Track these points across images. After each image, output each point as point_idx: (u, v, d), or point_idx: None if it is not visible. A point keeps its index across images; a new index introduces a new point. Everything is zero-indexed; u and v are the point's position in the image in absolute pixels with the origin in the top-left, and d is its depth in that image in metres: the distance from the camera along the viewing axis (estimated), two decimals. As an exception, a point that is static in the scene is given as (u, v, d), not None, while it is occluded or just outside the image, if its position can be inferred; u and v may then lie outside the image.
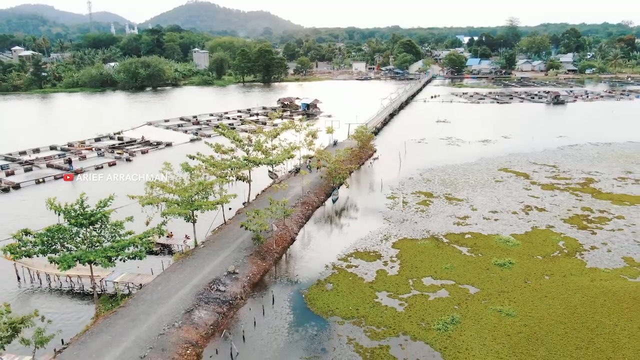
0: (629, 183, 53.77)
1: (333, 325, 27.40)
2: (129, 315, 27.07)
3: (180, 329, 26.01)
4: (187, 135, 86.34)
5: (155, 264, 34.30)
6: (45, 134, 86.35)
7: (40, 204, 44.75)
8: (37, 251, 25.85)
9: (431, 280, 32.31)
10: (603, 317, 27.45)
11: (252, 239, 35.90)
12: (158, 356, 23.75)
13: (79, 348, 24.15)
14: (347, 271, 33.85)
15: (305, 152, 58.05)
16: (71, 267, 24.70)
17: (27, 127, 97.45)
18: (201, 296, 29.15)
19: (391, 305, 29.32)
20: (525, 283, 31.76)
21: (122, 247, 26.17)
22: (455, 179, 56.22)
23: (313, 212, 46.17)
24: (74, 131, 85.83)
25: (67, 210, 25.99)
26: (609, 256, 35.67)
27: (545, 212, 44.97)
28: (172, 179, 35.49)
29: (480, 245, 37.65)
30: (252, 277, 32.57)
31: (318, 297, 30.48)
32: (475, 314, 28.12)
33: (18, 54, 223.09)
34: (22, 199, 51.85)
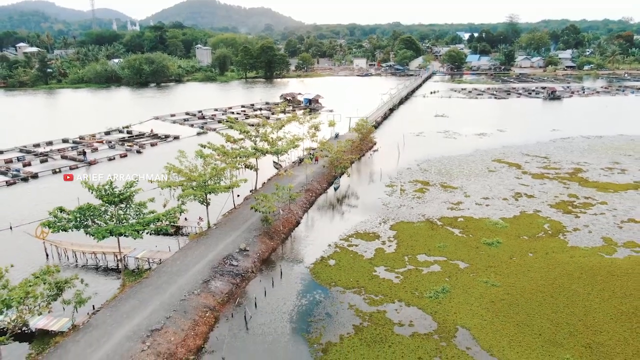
0: (615, 173, 56.76)
1: (336, 294, 30.51)
2: (153, 284, 30.19)
3: (199, 295, 29.13)
4: (194, 129, 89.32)
5: (172, 244, 37.43)
6: (55, 128, 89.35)
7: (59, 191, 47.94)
8: (71, 226, 28.97)
9: (425, 257, 35.40)
10: (579, 287, 30.52)
11: (261, 221, 38.99)
12: (181, 317, 26.88)
13: (111, 311, 27.27)
14: (348, 249, 36.94)
15: (309, 143, 60.98)
16: (105, 238, 27.83)
17: (37, 122, 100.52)
18: (216, 269, 32.26)
19: (388, 278, 32.41)
20: (511, 259, 34.82)
21: (148, 223, 29.27)
22: (451, 169, 59.22)
23: (316, 199, 49.24)
24: (83, 125, 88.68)
25: (99, 189, 29.07)
26: (590, 236, 38.73)
27: (533, 198, 48.02)
28: (187, 165, 38.50)
29: (471, 227, 40.71)
30: (261, 254, 35.69)
31: (322, 271, 33.58)
32: (464, 285, 31.21)
33: (23, 51, 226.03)
34: (42, 187, 54.92)
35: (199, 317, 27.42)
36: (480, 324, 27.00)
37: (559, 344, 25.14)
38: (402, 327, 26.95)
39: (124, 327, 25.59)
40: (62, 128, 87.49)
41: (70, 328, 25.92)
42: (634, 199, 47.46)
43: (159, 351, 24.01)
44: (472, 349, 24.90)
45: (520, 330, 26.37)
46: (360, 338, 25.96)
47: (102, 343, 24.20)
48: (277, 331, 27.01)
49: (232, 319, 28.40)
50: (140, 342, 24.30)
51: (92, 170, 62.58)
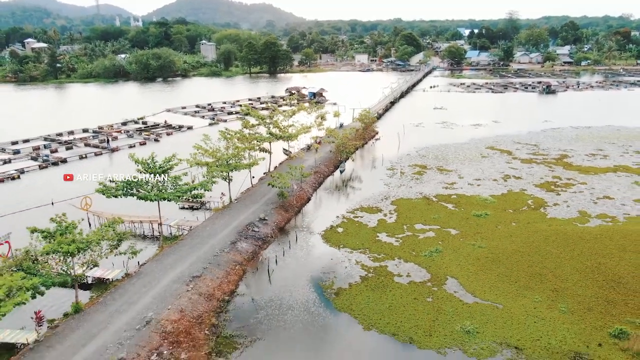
0: (598, 158, 61.79)
1: (344, 253, 35.65)
2: (188, 245, 35.33)
3: (228, 253, 34.27)
4: (205, 120, 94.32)
5: (199, 216, 42.57)
6: (72, 119, 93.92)
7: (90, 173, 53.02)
8: (120, 193, 34.11)
9: (421, 226, 40.51)
10: (552, 248, 35.57)
11: (277, 195, 44.12)
12: (215, 268, 32.03)
13: (156, 263, 32.42)
14: (354, 220, 42.06)
15: (316, 132, 65.93)
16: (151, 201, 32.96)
17: (53, 114, 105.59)
18: (241, 233, 37.39)
19: (389, 242, 37.53)
20: (496, 228, 39.91)
21: (185, 191, 34.43)
22: (447, 155, 64.26)
23: (324, 180, 54.34)
24: (97, 117, 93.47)
25: (144, 162, 34.19)
26: (567, 210, 43.83)
27: (521, 179, 53.09)
28: (211, 147, 43.55)
29: (463, 203, 45.81)
30: (278, 223, 40.84)
31: (332, 236, 38.71)
32: (454, 247, 36.32)
33: (31, 46, 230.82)
34: (71, 170, 59.93)
35: (230, 269, 32.58)
36: (467, 274, 32.11)
37: (531, 288, 30.25)
38: (401, 277, 32.09)
39: (169, 274, 30.75)
40: (78, 119, 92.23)
41: (124, 276, 31.07)
42: (611, 180, 52.52)
43: (201, 292, 29.17)
44: (458, 292, 30.02)
45: (500, 279, 31.49)
46: (366, 285, 31.09)
47: (154, 285, 29.37)
48: (296, 281, 32.16)
49: (257, 272, 33.57)
50: (184, 285, 29.46)
51: (115, 156, 67.78)
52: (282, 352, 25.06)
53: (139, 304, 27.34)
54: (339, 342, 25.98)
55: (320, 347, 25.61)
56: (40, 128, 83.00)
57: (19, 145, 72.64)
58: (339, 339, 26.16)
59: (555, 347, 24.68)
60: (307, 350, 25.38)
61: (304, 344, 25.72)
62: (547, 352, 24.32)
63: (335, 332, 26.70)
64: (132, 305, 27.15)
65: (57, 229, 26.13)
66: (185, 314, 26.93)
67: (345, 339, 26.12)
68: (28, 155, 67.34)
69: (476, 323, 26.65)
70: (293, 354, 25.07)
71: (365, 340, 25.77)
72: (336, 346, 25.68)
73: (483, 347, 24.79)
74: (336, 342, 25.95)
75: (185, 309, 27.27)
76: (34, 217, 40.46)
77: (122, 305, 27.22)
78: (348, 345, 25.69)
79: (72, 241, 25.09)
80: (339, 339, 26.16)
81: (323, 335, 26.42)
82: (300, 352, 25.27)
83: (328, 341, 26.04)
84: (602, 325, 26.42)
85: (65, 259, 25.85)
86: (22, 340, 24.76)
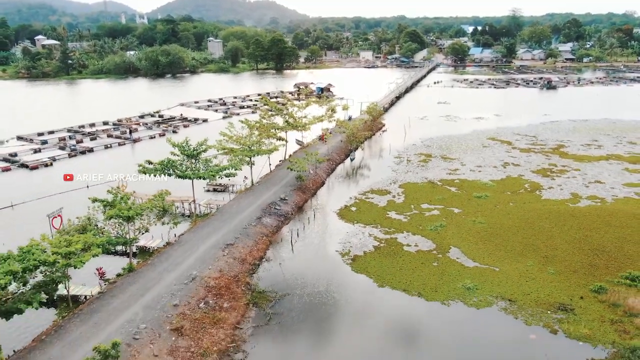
0: (592, 148, 65.71)
1: (358, 228, 39.80)
2: (219, 220, 39.54)
3: (255, 226, 38.48)
4: (218, 114, 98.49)
5: (225, 197, 46.77)
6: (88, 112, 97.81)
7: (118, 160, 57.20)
8: (158, 173, 38.36)
9: (427, 205, 44.61)
10: (545, 223, 39.57)
11: (295, 179, 48.31)
12: (245, 238, 36.25)
13: (192, 234, 36.66)
14: (366, 201, 46.20)
15: (327, 123, 69.94)
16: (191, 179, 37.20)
17: (70, 108, 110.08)
18: (265, 211, 41.58)
19: (398, 219, 41.65)
20: (495, 207, 43.97)
21: (217, 171, 38.69)
22: (450, 145, 68.26)
23: (336, 167, 58.50)
24: (113, 110, 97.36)
25: (180, 145, 38.41)
26: (561, 192, 47.83)
27: (519, 166, 57.09)
28: (235, 134, 47.73)
29: (465, 186, 49.86)
30: (297, 203, 45.05)
31: (346, 214, 42.87)
32: (457, 222, 40.41)
33: (41, 43, 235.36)
34: (100, 159, 64.35)
35: (258, 239, 36.80)
36: (468, 245, 36.21)
37: (524, 255, 34.34)
38: (409, 246, 36.23)
39: (206, 242, 34.98)
40: (95, 113, 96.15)
41: (165, 245, 35.29)
42: (603, 167, 56.45)
43: (235, 256, 33.39)
44: (460, 259, 34.14)
45: (497, 248, 35.59)
46: (378, 253, 35.25)
47: (194, 251, 33.60)
48: (316, 250, 36.37)
49: (281, 242, 37.77)
50: (220, 250, 33.68)
51: (137, 146, 72.08)
52: (308, 303, 29.22)
53: (183, 265, 31.59)
54: (357, 295, 30.16)
55: (341, 298, 29.77)
56: (61, 121, 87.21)
57: (44, 137, 76.97)
58: (357, 293, 30.34)
59: (543, 300, 28.78)
60: (329, 301, 29.52)
61: (327, 297, 29.88)
62: (536, 303, 28.42)
63: (353, 287, 30.89)
64: (178, 266, 31.40)
65: (115, 199, 30.32)
66: (224, 273, 31.16)
67: (363, 293, 30.30)
68: (56, 145, 71.67)
69: (476, 282, 30.76)
70: (318, 304, 29.21)
71: (380, 294, 29.94)
72: (355, 298, 29.85)
73: (481, 300, 28.92)
74: (355, 295, 30.13)
75: (223, 269, 31.51)
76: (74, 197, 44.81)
77: (169, 266, 31.47)
78: (365, 297, 29.87)
79: (129, 208, 29.29)
80: (357, 293, 30.34)
81: (343, 290, 30.61)
82: (324, 303, 29.42)
83: (348, 294, 30.21)
84: (585, 283, 30.49)
85: (122, 224, 30.05)
86: (87, 293, 29.06)
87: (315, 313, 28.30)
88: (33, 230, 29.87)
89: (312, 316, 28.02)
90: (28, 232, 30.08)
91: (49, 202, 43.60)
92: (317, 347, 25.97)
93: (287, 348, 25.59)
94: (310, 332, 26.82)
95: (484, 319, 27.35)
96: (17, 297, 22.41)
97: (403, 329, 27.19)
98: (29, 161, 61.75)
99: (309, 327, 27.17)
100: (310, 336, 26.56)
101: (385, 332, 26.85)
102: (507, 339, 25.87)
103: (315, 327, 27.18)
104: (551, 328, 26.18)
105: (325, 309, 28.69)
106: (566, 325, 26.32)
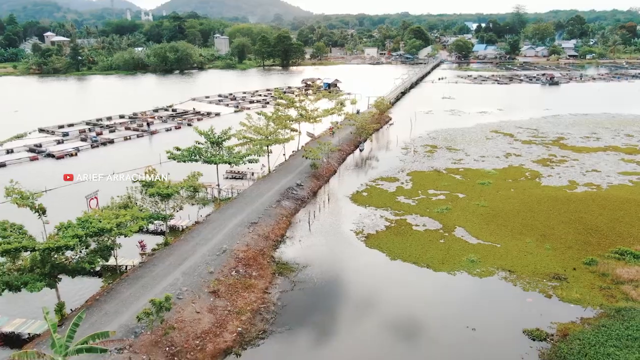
0: (591, 140, 68.63)
1: (370, 210, 43.02)
2: (241, 202, 42.80)
3: (275, 208, 41.73)
4: (229, 108, 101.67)
5: (244, 183, 50.03)
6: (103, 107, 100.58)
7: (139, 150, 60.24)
8: (185, 159, 41.61)
9: (434, 191, 47.77)
10: (543, 207, 42.66)
11: (310, 166, 51.52)
12: (267, 218, 39.51)
13: (218, 214, 39.92)
14: (376, 187, 49.38)
15: (336, 116, 73.09)
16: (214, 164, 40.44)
17: (84, 102, 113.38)
18: (283, 195, 44.83)
19: (406, 202, 44.84)
20: (497, 192, 47.07)
21: (241, 157, 41.96)
22: (455, 137, 71.30)
23: (347, 157, 61.69)
24: (127, 105, 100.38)
25: (206, 133, 41.65)
26: (559, 179, 50.88)
27: (520, 157, 60.12)
28: (252, 124, 50.94)
29: (469, 174, 52.96)
30: (312, 188, 48.29)
31: (358, 198, 46.08)
32: (461, 206, 43.56)
33: (50, 40, 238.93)
34: (122, 150, 67.66)
35: (279, 219, 40.06)
36: (472, 225, 39.36)
37: (523, 234, 37.48)
38: (418, 226, 39.42)
39: (232, 221, 38.26)
40: (110, 107, 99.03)
41: (194, 224, 38.58)
42: (600, 157, 59.43)
43: (259, 233, 36.67)
44: (465, 237, 37.31)
45: (499, 228, 38.73)
46: (389, 232, 38.45)
47: (222, 228, 36.89)
48: (332, 229, 39.59)
49: (299, 223, 41.02)
50: (246, 228, 36.96)
51: (154, 138, 75.35)
52: (327, 273, 32.46)
53: (213, 240, 34.89)
54: (372, 266, 33.40)
55: (357, 268, 33.01)
56: (78, 114, 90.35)
57: (65, 129, 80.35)
58: (371, 264, 33.58)
59: (539, 271, 31.94)
60: (347, 271, 32.75)
61: (344, 268, 33.14)
62: (534, 273, 31.59)
63: (368, 260, 34.14)
64: (209, 241, 34.70)
65: (152, 180, 33.60)
66: (250, 247, 34.43)
67: (377, 264, 33.53)
68: (77, 137, 75.06)
69: (479, 256, 33.95)
70: (336, 274, 32.45)
71: (392, 266, 33.18)
72: (370, 268, 33.10)
73: (483, 270, 32.10)
74: (370, 266, 33.38)
75: (249, 244, 34.79)
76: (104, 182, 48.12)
77: (200, 240, 34.78)
78: (379, 268, 33.09)
79: (167, 187, 32.57)
80: (371, 264, 33.58)
81: (358, 263, 33.88)
82: (341, 272, 32.65)
83: (363, 266, 33.46)
84: (578, 257, 33.64)
85: (159, 203, 33.32)
86: (129, 263, 32.38)
87: (334, 280, 31.59)
88: (71, 211, 32.67)
89: (332, 283, 31.29)
90: (67, 212, 32.96)
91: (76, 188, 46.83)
92: (338, 307, 29.15)
93: (311, 309, 28.80)
94: (330, 295, 30.07)
95: (486, 286, 30.54)
96: (81, 258, 25.70)
97: (413, 293, 30.41)
98: (54, 151, 65.15)
99: (330, 291, 30.43)
100: (331, 299, 29.80)
101: (397, 295, 30.08)
102: (506, 301, 29.04)
103: (334, 291, 30.44)
104: (546, 293, 29.36)
105: (343, 277, 31.98)
106: (560, 291, 29.49)
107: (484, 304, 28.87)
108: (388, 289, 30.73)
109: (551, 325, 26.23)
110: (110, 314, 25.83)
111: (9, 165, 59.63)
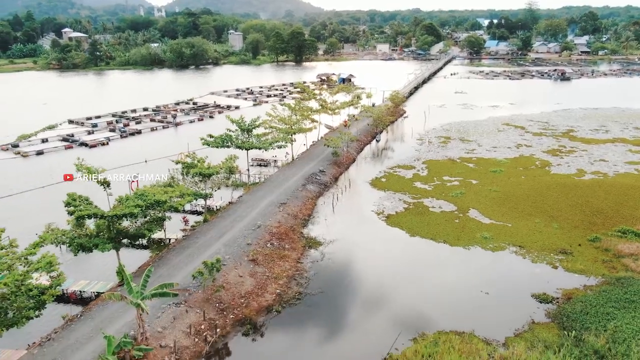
0: (600, 132, 70.98)
1: (389, 194, 46.16)
2: (269, 186, 46.17)
3: (301, 191, 45.06)
4: (248, 102, 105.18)
5: (270, 170, 53.43)
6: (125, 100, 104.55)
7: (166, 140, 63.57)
8: (218, 145, 45.06)
9: (448, 177, 50.75)
10: (552, 192, 45.41)
11: (331, 154, 54.77)
12: (294, 199, 42.85)
13: (249, 196, 43.33)
14: (394, 174, 52.48)
15: (353, 109, 76.19)
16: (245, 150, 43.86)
17: (106, 96, 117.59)
18: (307, 179, 48.13)
19: (423, 187, 47.90)
20: (508, 179, 49.91)
21: (270, 144, 45.31)
22: (468, 129, 74.02)
23: (364, 147, 64.81)
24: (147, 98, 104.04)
25: (238, 122, 45.06)
26: (568, 168, 53.55)
27: (531, 147, 62.77)
28: (277, 114, 54.26)
29: (482, 163, 55.82)
30: (334, 174, 51.56)
31: (377, 183, 49.24)
32: (475, 191, 46.51)
33: (68, 36, 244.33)
34: (150, 140, 71.41)
35: (305, 201, 43.39)
36: (485, 207, 42.33)
37: (533, 215, 40.38)
38: (434, 208, 42.49)
39: (263, 201, 41.66)
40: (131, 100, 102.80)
41: (227, 204, 42.03)
42: (608, 148, 61.88)
43: (288, 213, 40.02)
44: (478, 217, 40.32)
45: (510, 209, 41.66)
46: (408, 212, 41.57)
47: (255, 207, 40.29)
48: (354, 210, 42.82)
49: (324, 204, 44.30)
50: (276, 207, 40.33)
51: (179, 129, 79.03)
52: (354, 245, 35.71)
53: (248, 217, 38.31)
54: (393, 241, 36.59)
55: (380, 242, 36.22)
56: (103, 107, 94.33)
57: (92, 121, 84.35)
58: (392, 239, 36.77)
59: (547, 246, 34.89)
60: (371, 245, 35.97)
61: (368, 242, 36.37)
62: (542, 249, 34.55)
63: (389, 236, 37.32)
64: (244, 218, 38.12)
65: (193, 162, 37.04)
66: (282, 224, 37.80)
67: (398, 240, 36.71)
68: (106, 128, 79.02)
69: (492, 233, 36.96)
70: (361, 247, 35.68)
71: (412, 241, 36.35)
72: (391, 243, 36.30)
73: (496, 246, 35.14)
74: (391, 241, 36.57)
75: (281, 221, 38.15)
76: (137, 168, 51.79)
77: (236, 217, 38.22)
78: (400, 243, 36.27)
79: (208, 167, 36.02)
80: (392, 239, 36.77)
81: (381, 238, 37.08)
82: (366, 245, 35.88)
83: (385, 240, 36.66)
84: (583, 235, 36.51)
85: (199, 182, 36.77)
86: (172, 237, 35.90)
87: (360, 252, 34.85)
88: (115, 191, 35.63)
89: (357, 255, 34.56)
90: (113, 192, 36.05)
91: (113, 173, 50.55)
92: (364, 274, 32.32)
93: (340, 276, 32.05)
94: (357, 265, 33.31)
95: (498, 258, 33.59)
96: (140, 225, 29.25)
97: (432, 263, 33.54)
98: (87, 140, 69.11)
99: (356, 262, 33.69)
100: (357, 268, 33.02)
101: (417, 265, 33.26)
102: (516, 271, 32.05)
103: (360, 262, 33.70)
104: (553, 265, 32.35)
105: (368, 250, 35.22)
106: (565, 263, 32.46)
107: (496, 273, 31.93)
108: (409, 260, 33.93)
109: (557, 291, 29.23)
110: (164, 277, 29.30)
111: (46, 153, 63.71)
